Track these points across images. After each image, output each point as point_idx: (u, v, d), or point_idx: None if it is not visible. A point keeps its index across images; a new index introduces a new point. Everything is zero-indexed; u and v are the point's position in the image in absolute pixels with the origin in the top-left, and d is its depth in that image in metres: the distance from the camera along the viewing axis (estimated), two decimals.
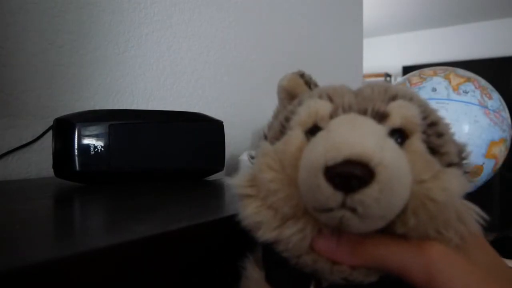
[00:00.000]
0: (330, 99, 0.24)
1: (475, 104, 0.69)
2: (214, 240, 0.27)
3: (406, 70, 4.36)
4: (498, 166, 0.73)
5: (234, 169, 0.85)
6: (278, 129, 0.25)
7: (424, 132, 0.22)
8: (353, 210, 0.19)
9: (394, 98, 0.23)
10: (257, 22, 1.05)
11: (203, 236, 0.26)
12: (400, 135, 0.22)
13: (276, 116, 0.28)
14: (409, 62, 4.42)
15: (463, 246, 0.21)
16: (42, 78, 0.59)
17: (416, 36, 4.41)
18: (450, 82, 0.71)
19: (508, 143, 0.73)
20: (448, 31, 4.23)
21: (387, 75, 4.43)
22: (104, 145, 0.43)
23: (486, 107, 0.69)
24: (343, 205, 0.19)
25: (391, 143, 0.20)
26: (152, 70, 0.76)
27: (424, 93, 0.70)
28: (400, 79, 0.81)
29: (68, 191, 0.41)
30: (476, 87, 0.71)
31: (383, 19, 3.95)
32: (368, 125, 0.21)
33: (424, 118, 0.23)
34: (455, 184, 0.21)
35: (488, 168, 0.71)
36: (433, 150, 0.22)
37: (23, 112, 0.57)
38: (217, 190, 0.45)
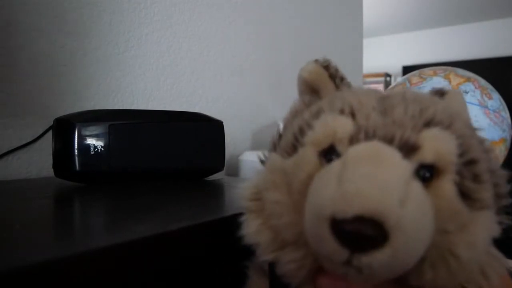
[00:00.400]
0: (353, 114, 0.21)
1: (475, 104, 0.69)
2: (214, 240, 0.27)
3: (406, 70, 4.36)
4: None
5: (234, 169, 0.85)
6: (291, 141, 0.22)
7: (458, 173, 0.19)
8: (359, 270, 0.17)
9: (429, 123, 0.20)
10: (257, 22, 1.05)
11: (203, 236, 0.26)
12: (429, 169, 0.19)
13: (293, 114, 0.25)
14: (409, 62, 4.42)
15: None
16: (42, 78, 0.59)
17: (416, 36, 4.41)
18: (450, 82, 0.71)
19: (508, 143, 0.73)
20: (448, 31, 4.23)
21: (387, 75, 4.43)
22: (104, 145, 0.43)
23: (486, 107, 0.69)
24: (347, 262, 0.17)
25: (415, 190, 0.17)
26: (152, 70, 0.76)
27: None
28: (400, 79, 0.81)
29: (68, 191, 0.41)
30: (476, 87, 0.71)
31: (383, 19, 3.95)
32: (392, 164, 0.18)
33: (462, 154, 0.19)
34: (482, 237, 0.18)
35: None
36: (465, 194, 0.19)
37: (23, 112, 0.57)
38: (217, 190, 0.45)
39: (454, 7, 3.61)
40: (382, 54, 4.57)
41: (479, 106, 0.69)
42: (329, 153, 0.20)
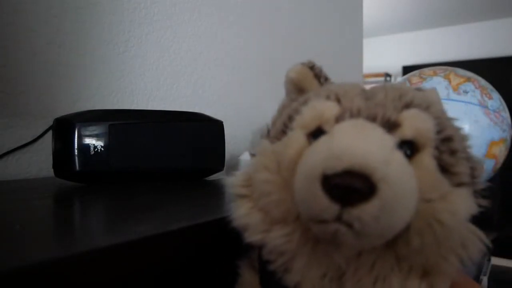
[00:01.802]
0: (338, 100, 0.22)
1: (475, 104, 0.69)
2: (213, 240, 0.27)
3: (406, 70, 4.36)
4: (498, 166, 0.73)
5: (234, 169, 0.85)
6: (280, 128, 0.24)
7: (436, 148, 0.20)
8: (349, 225, 0.18)
9: (408, 105, 0.21)
10: (257, 22, 1.05)
11: (203, 236, 0.26)
12: (409, 147, 0.20)
13: (280, 111, 0.27)
14: (409, 62, 4.42)
15: None
16: (42, 78, 0.59)
17: (416, 36, 4.40)
18: (450, 82, 0.71)
19: (508, 143, 0.73)
20: (448, 31, 4.23)
21: (387, 75, 4.43)
22: (104, 145, 0.43)
23: (486, 107, 0.69)
24: (338, 219, 0.18)
25: (398, 156, 0.19)
26: (152, 70, 0.76)
27: None
28: (400, 79, 0.81)
29: (68, 191, 0.41)
30: (476, 87, 0.71)
31: (383, 19, 3.95)
32: (376, 134, 0.19)
33: (439, 132, 0.21)
34: (463, 208, 0.19)
35: (488, 168, 0.71)
36: (444, 169, 0.20)
37: (23, 112, 0.57)
38: (217, 190, 0.45)
39: (454, 7, 3.61)
40: (382, 54, 4.56)
41: (479, 106, 0.69)
42: (316, 134, 0.21)
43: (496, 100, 0.71)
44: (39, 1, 0.59)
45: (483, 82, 0.73)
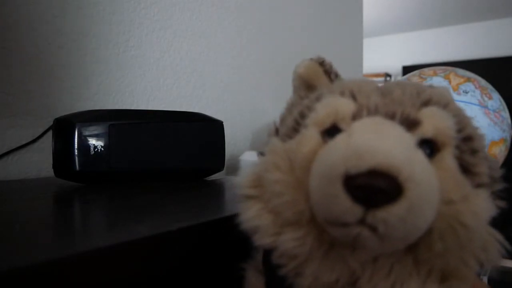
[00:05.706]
0: (354, 97, 0.21)
1: (475, 104, 0.69)
2: (214, 240, 0.27)
3: (406, 70, 4.36)
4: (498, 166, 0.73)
5: (234, 169, 0.85)
6: (291, 125, 0.23)
7: (457, 147, 0.20)
8: (373, 229, 0.17)
9: (427, 103, 0.21)
10: (257, 22, 1.05)
11: (203, 236, 0.26)
12: (429, 146, 0.19)
13: (289, 108, 0.26)
14: (409, 62, 4.42)
15: None
16: (42, 78, 0.59)
17: (416, 36, 4.41)
18: (450, 82, 0.71)
19: (508, 143, 0.73)
20: (448, 31, 4.23)
21: (387, 75, 4.43)
22: (104, 145, 0.43)
23: (486, 107, 0.69)
24: (361, 221, 0.17)
25: (420, 156, 0.18)
26: (152, 70, 0.76)
27: None
28: (400, 79, 0.81)
29: (68, 191, 0.41)
30: (476, 87, 0.71)
31: (383, 19, 3.95)
32: (396, 132, 0.18)
33: (459, 130, 0.20)
34: (484, 209, 0.19)
35: None
36: (465, 169, 0.20)
37: (23, 112, 0.57)
38: (217, 190, 0.45)
39: (454, 7, 3.61)
40: (382, 54, 4.56)
41: (479, 106, 0.69)
42: (331, 132, 0.20)
43: (496, 100, 0.71)
44: (40, 1, 0.59)
45: (483, 82, 0.73)
